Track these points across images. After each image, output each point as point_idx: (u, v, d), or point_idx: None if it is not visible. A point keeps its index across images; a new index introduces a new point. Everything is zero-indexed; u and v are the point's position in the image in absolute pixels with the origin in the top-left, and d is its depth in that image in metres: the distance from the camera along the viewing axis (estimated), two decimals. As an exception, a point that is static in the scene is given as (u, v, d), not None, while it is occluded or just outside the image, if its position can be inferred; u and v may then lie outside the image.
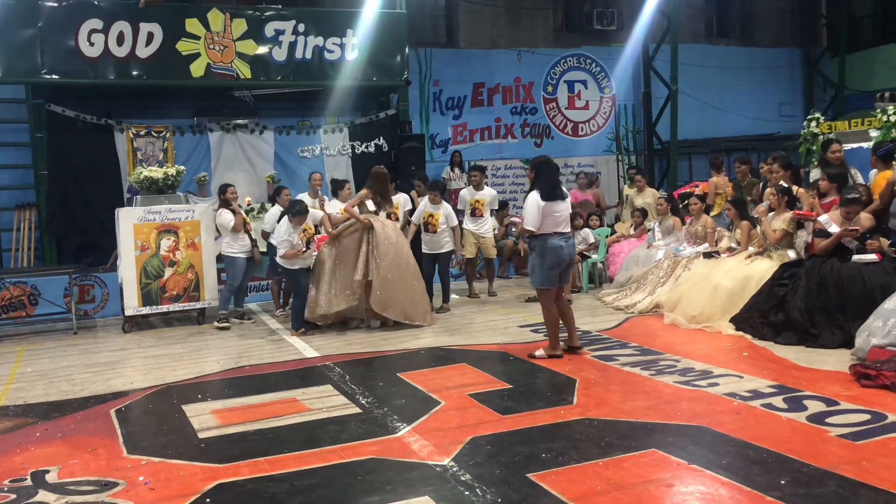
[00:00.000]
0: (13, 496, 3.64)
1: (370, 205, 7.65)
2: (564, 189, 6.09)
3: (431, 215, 8.33)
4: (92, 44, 9.33)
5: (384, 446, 4.09)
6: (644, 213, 9.83)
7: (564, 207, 5.90)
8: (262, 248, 8.70)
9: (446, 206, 8.46)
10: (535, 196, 5.81)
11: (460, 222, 8.78)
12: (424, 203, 8.47)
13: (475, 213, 9.11)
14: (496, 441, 4.07)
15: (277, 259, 7.50)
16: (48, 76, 9.31)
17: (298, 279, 7.45)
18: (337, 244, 7.53)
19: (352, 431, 4.36)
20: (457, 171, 12.00)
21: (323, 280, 7.46)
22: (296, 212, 7.35)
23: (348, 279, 7.40)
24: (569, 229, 5.97)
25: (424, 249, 8.36)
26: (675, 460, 3.67)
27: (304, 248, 7.38)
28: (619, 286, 8.75)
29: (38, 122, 9.78)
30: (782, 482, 3.35)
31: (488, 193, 9.25)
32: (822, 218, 6.34)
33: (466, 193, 9.26)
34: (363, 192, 7.72)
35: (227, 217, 8.10)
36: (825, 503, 3.18)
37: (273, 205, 8.57)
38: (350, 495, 3.46)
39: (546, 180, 5.89)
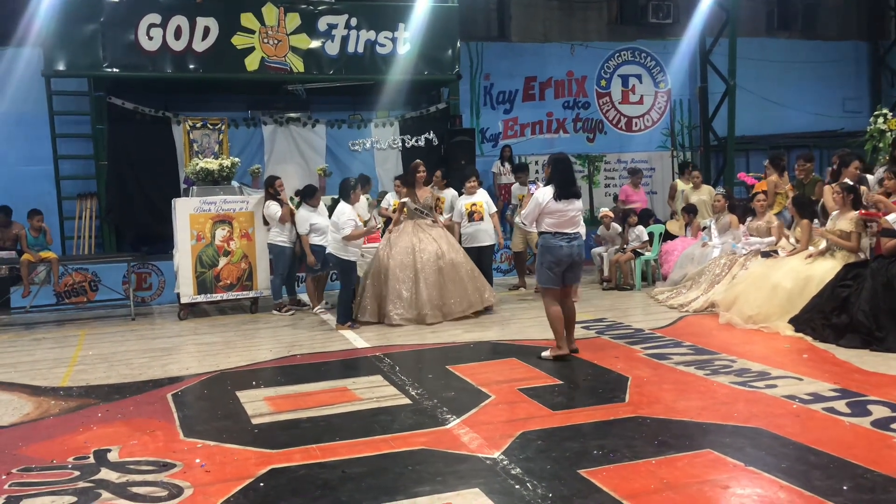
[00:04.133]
0: (77, 473, 3.77)
1: (407, 202, 7.76)
2: (579, 188, 5.92)
3: (474, 204, 8.28)
4: (151, 38, 9.60)
5: (434, 437, 4.09)
6: (694, 212, 9.61)
7: (575, 207, 5.72)
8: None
9: (485, 193, 8.41)
10: (545, 193, 5.65)
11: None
12: (463, 198, 8.42)
13: (521, 207, 9.13)
14: (547, 436, 4.03)
15: (332, 246, 7.34)
16: (109, 70, 9.61)
17: (350, 272, 7.41)
18: (392, 252, 7.53)
19: (402, 422, 4.38)
20: (507, 165, 11.92)
21: (392, 292, 7.40)
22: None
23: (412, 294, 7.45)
24: (575, 229, 5.72)
25: (465, 244, 8.20)
26: (731, 461, 3.58)
27: (377, 225, 7.61)
28: (672, 284, 8.58)
29: (99, 114, 10.11)
30: (844, 488, 3.24)
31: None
32: (891, 217, 6.08)
33: (515, 189, 9.49)
34: (404, 192, 7.91)
35: (274, 208, 8.24)
36: (891, 511, 3.06)
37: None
38: (401, 485, 3.48)
39: (563, 178, 5.69)
